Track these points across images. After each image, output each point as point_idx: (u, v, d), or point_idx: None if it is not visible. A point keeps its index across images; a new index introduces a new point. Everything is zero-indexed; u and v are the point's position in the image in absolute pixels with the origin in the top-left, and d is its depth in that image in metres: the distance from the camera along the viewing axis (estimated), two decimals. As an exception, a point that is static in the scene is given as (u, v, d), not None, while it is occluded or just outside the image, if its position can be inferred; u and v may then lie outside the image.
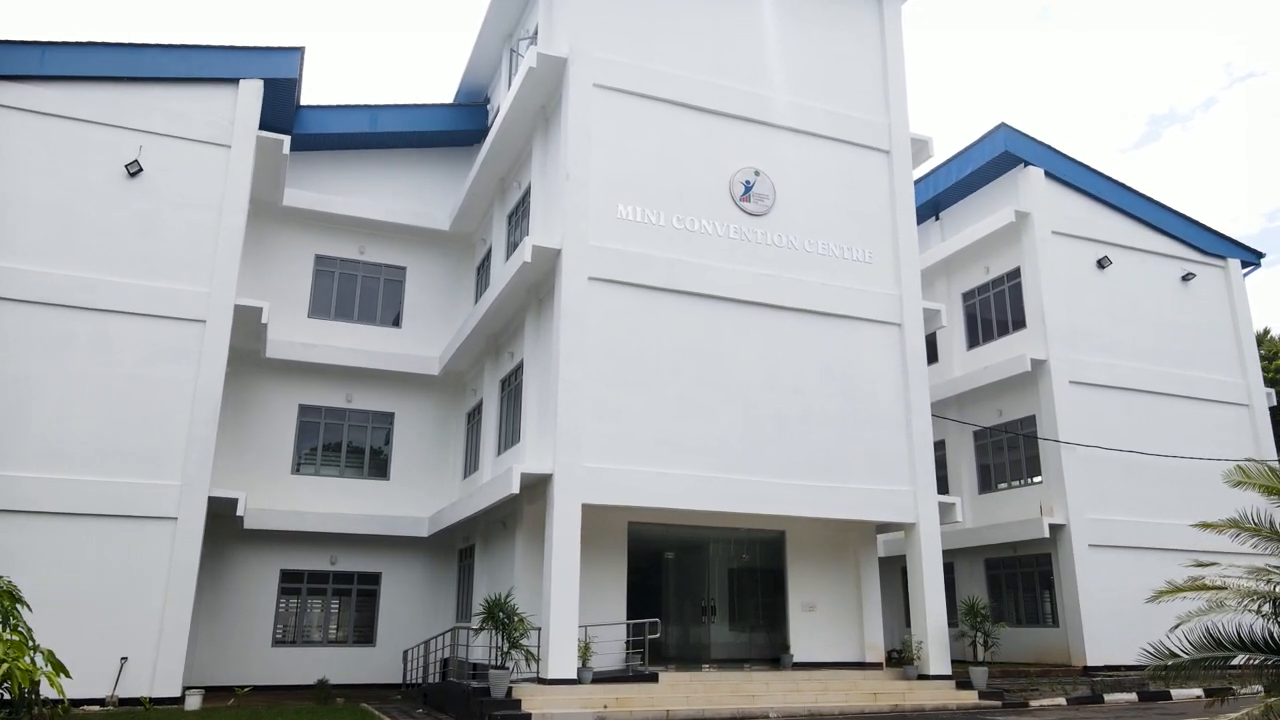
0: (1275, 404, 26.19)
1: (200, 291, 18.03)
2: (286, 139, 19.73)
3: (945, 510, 18.35)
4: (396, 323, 23.35)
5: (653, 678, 15.38)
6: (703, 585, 19.31)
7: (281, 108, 20.58)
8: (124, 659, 15.97)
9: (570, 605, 14.71)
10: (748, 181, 18.27)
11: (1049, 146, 24.65)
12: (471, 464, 21.57)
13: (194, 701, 15.58)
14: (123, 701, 15.74)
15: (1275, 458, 24.94)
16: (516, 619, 14.25)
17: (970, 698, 16.43)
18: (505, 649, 14.26)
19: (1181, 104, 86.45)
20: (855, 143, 19.58)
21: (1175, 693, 17.26)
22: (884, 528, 19.24)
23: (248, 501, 19.68)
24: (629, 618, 16.88)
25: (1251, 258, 26.87)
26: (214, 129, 18.95)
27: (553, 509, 15.14)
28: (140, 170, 18.16)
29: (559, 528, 15.02)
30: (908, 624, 25.71)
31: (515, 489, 15.17)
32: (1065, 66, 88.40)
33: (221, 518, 19.08)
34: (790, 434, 17.27)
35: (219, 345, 17.92)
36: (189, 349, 17.73)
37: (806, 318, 18.00)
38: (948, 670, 17.15)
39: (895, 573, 26.32)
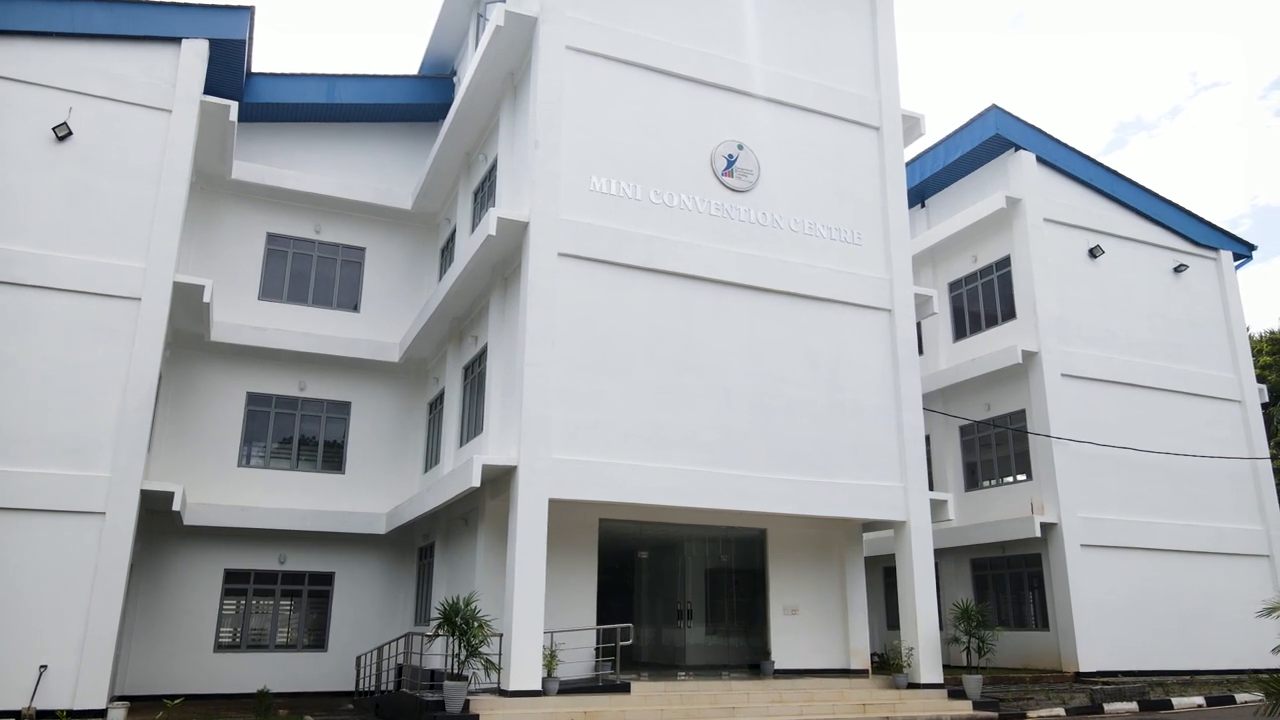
0: (1266, 400, 25.47)
1: (135, 267, 16.48)
2: (234, 105, 18.19)
3: (936, 507, 17.27)
4: (354, 307, 21.92)
5: (624, 688, 14.13)
6: (678, 587, 18.12)
7: (229, 72, 19.11)
8: (43, 667, 14.44)
9: (535, 609, 13.44)
10: (730, 155, 17.09)
11: (1040, 130, 23.73)
12: (433, 457, 20.22)
13: (117, 715, 14.10)
14: (40, 714, 14.22)
15: (1267, 455, 24.22)
16: (475, 625, 12.93)
17: (964, 708, 15.35)
18: (463, 658, 12.95)
19: (1148, 112, 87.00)
20: (844, 118, 18.46)
21: (1176, 701, 16.33)
22: (870, 526, 18.13)
23: (188, 496, 18.29)
24: (599, 622, 15.66)
25: (1243, 250, 26.13)
26: (153, 91, 17.39)
27: (517, 504, 13.85)
28: (69, 134, 16.59)
29: (523, 524, 13.74)
30: (889, 626, 24.76)
31: (475, 482, 13.85)
32: (1036, 73, 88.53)
33: (159, 514, 17.65)
34: (773, 425, 16.11)
35: (155, 325, 16.36)
36: (121, 329, 16.14)
37: (791, 301, 16.85)
38: (939, 678, 16.06)
39: (876, 572, 25.31)
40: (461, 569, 16.87)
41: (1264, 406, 25.68)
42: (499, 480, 14.77)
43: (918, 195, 26.28)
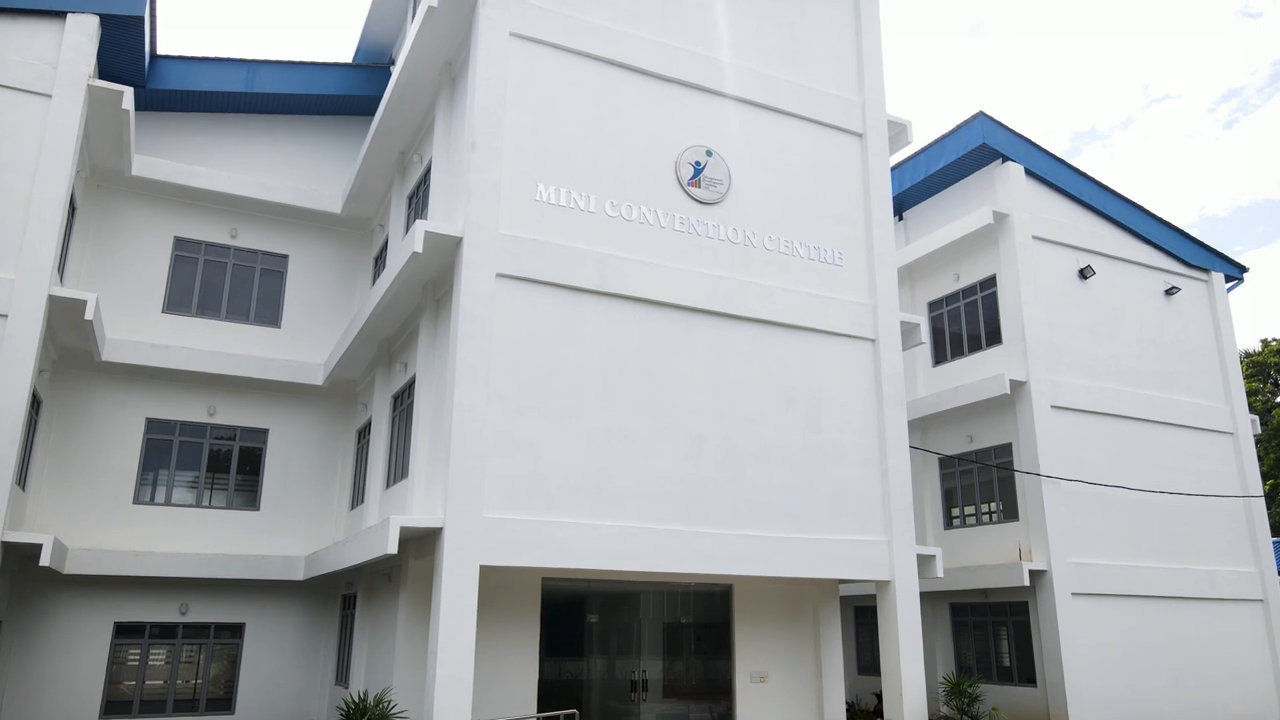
0: (1258, 432, 24.09)
1: (3, 278, 14.09)
2: (128, 90, 15.78)
3: (923, 563, 15.42)
4: (274, 322, 19.51)
5: (567, 785, 12.08)
6: (633, 650, 16.05)
7: (126, 54, 16.69)
8: None
9: (461, 704, 11.28)
10: (697, 163, 15.06)
11: (1029, 140, 22.02)
12: (359, 494, 17.95)
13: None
14: None
15: (1261, 493, 22.78)
16: (386, 726, 10.77)
17: (955, 799, 13.52)
18: (370, 767, 10.80)
19: (1102, 122, 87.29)
20: (824, 123, 16.52)
21: (1185, 781, 14.64)
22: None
23: (72, 540, 16.01)
24: (542, 695, 13.56)
25: (1235, 272, 24.70)
26: (29, 73, 14.96)
27: (441, 574, 11.67)
28: (-76, 121, 14.15)
29: (449, 597, 11.57)
30: (860, 672, 22.94)
31: (392, 548, 11.64)
32: (993, 83, 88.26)
33: (34, 561, 15.17)
34: (743, 473, 14.11)
35: (26, 346, 13.95)
36: (-17, 351, 13.76)
37: (765, 330, 14.87)
38: (927, 761, 14.22)
39: (847, 612, 23.50)
40: (383, 631, 14.66)
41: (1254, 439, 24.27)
42: (424, 540, 12.60)
43: (896, 208, 24.49)
